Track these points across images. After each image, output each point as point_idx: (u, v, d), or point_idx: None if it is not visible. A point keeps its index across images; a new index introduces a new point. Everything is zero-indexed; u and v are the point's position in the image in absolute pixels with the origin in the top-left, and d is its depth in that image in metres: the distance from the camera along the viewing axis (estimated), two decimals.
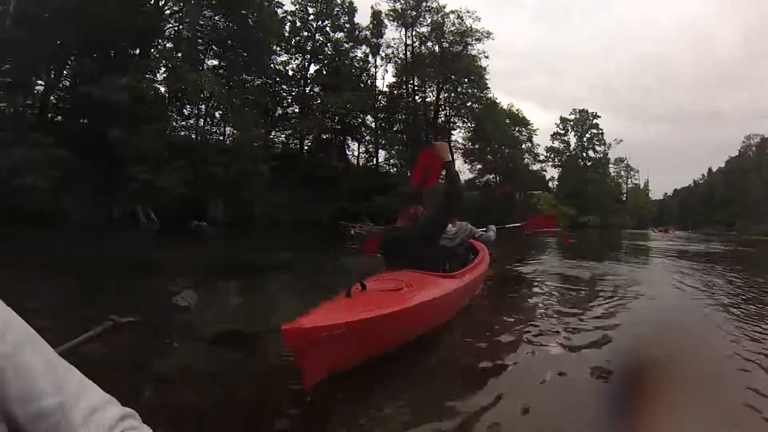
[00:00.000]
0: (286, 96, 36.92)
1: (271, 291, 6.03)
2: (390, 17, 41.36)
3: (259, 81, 32.61)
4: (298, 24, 37.23)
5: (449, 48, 42.29)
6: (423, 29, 42.48)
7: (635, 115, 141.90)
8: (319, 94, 36.54)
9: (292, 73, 37.38)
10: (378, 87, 42.45)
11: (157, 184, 19.75)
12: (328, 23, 38.00)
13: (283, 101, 36.75)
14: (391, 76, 44.55)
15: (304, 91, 37.06)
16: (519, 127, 51.95)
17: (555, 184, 64.68)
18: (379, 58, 41.85)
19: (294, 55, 37.41)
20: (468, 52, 42.50)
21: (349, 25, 38.75)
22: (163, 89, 25.30)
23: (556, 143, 65.10)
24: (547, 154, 63.16)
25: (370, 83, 41.21)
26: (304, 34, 37.45)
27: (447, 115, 45.55)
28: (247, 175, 23.70)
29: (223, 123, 28.65)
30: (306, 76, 37.59)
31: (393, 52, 42.48)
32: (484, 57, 42.88)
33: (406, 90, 42.99)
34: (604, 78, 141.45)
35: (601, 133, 66.19)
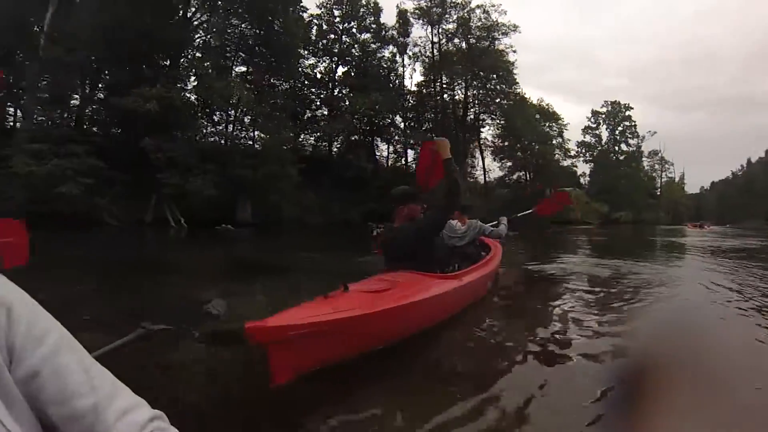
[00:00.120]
0: (315, 99, 37.18)
1: (295, 293, 6.05)
2: (415, 15, 41.27)
3: (287, 85, 32.89)
4: (325, 27, 37.56)
5: (476, 44, 41.97)
6: (449, 26, 42.36)
7: (670, 104, 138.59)
8: (348, 95, 36.63)
9: (320, 75, 37.62)
10: (406, 86, 42.35)
11: (187, 189, 20.35)
12: (354, 24, 38.10)
13: (312, 104, 37.05)
14: (420, 75, 44.54)
15: (332, 93, 37.27)
16: (549, 122, 51.06)
17: (587, 180, 63.29)
18: (407, 57, 41.86)
19: (321, 57, 37.68)
20: (495, 47, 42.04)
21: (375, 26, 38.80)
22: (193, 97, 25.92)
23: (587, 137, 63.46)
24: (579, 149, 61.53)
25: (398, 83, 41.18)
26: (331, 36, 37.73)
27: (476, 112, 45.21)
28: (275, 177, 23.98)
29: (252, 127, 29.09)
30: (334, 78, 37.80)
31: (420, 51, 42.43)
32: (512, 51, 42.41)
33: (434, 88, 42.71)
34: (637, 67, 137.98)
35: (634, 125, 64.08)
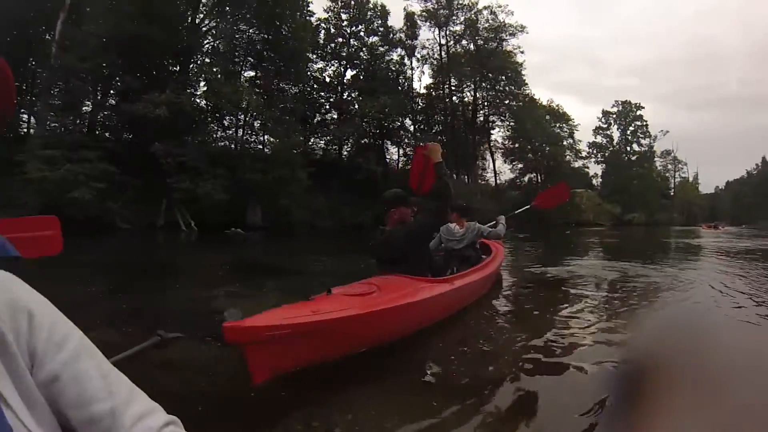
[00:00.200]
0: (324, 102, 37.25)
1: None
2: (422, 18, 41.39)
3: (297, 89, 33.04)
4: (333, 31, 37.64)
5: (484, 45, 42.05)
6: (456, 28, 42.44)
7: (682, 103, 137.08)
8: (357, 99, 36.68)
9: (329, 79, 37.73)
10: (415, 89, 42.35)
11: (197, 193, 20.51)
12: (362, 28, 38.20)
13: (321, 108, 37.14)
14: (428, 78, 44.57)
15: (341, 96, 37.33)
16: (560, 123, 50.80)
17: (599, 181, 62.82)
18: (415, 59, 41.92)
19: (330, 61, 37.79)
20: (503, 48, 42.10)
21: (383, 29, 38.86)
22: (203, 102, 26.14)
23: (598, 138, 62.55)
24: (590, 150, 60.87)
25: (407, 86, 41.18)
26: (339, 40, 37.81)
27: (485, 114, 45.16)
28: (284, 181, 24.05)
29: (262, 131, 29.20)
30: (343, 81, 37.86)
31: (428, 53, 42.47)
32: (520, 52, 42.42)
33: (443, 91, 42.70)
34: (647, 66, 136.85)
35: (646, 124, 63.18)
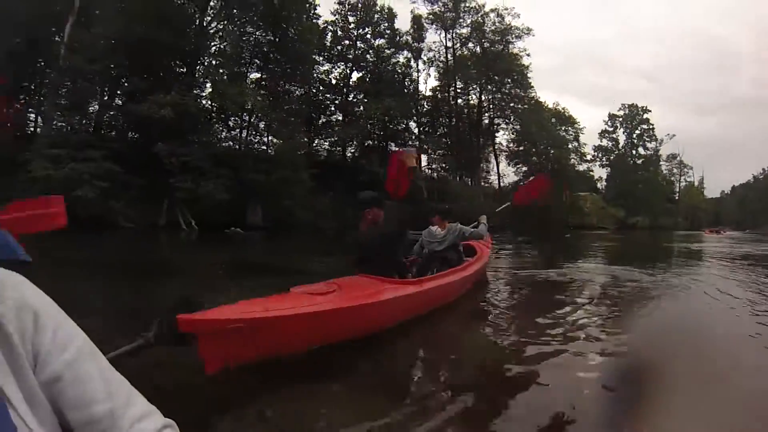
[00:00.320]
0: (330, 104, 37.42)
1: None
2: (429, 20, 41.49)
3: (302, 91, 33.18)
4: (340, 33, 37.74)
5: (490, 48, 42.06)
6: (463, 30, 42.57)
7: (691, 106, 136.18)
8: (362, 101, 36.81)
9: (335, 81, 37.81)
10: (421, 91, 42.44)
11: (200, 193, 20.70)
12: (369, 30, 38.27)
13: (327, 110, 37.33)
14: (434, 80, 44.61)
15: (346, 98, 37.44)
16: (565, 126, 50.68)
17: (603, 185, 62.69)
18: (421, 62, 41.92)
19: (336, 63, 37.90)
20: (509, 51, 42.13)
21: (389, 32, 38.89)
22: (209, 104, 26.42)
23: (604, 141, 62.30)
24: (595, 153, 60.70)
25: (412, 88, 41.24)
26: (346, 42, 37.87)
27: (491, 116, 45.18)
28: (287, 182, 24.21)
29: (266, 133, 29.43)
30: (348, 83, 37.97)
31: (434, 56, 42.54)
32: (526, 55, 42.48)
33: (449, 93, 42.80)
34: (655, 69, 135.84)
35: (652, 128, 62.81)
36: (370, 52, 38.47)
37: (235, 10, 27.66)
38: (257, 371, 2.56)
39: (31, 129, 22.88)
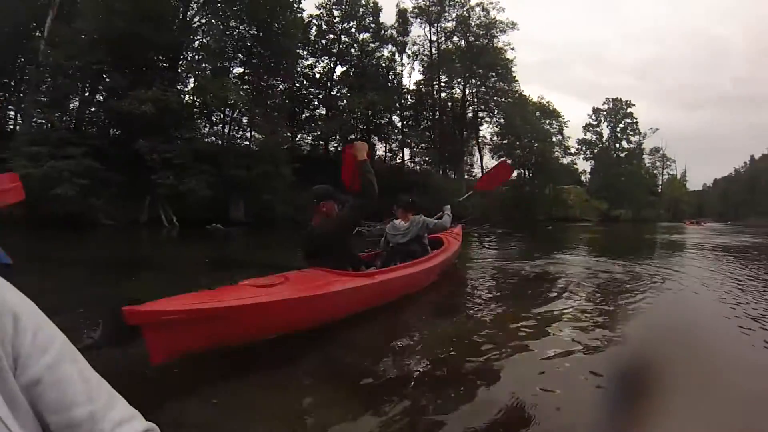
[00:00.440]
0: (313, 99, 37.36)
1: None
2: (414, 14, 41.47)
3: (285, 86, 32.96)
4: (324, 27, 37.64)
5: (475, 42, 42.05)
6: (448, 24, 42.57)
7: (677, 101, 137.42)
8: (345, 95, 36.76)
9: (318, 76, 37.77)
10: (405, 85, 42.49)
11: (182, 189, 20.67)
12: (354, 24, 38.17)
13: (310, 104, 37.26)
14: (419, 74, 44.60)
15: (330, 93, 37.41)
16: (549, 120, 51.07)
17: (587, 178, 63.34)
18: (406, 56, 41.93)
19: (320, 58, 37.80)
20: (494, 45, 42.23)
21: (374, 25, 38.81)
22: (191, 99, 26.24)
23: (588, 135, 62.91)
24: (579, 147, 61.40)
25: (396, 82, 41.25)
26: (330, 36, 37.82)
27: (475, 110, 45.29)
28: (268, 177, 24.22)
29: (249, 128, 29.31)
30: (332, 78, 37.94)
31: (419, 50, 42.52)
32: (510, 49, 42.60)
33: (433, 87, 42.90)
34: (646, 63, 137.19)
35: (635, 122, 63.60)
36: (355, 46, 38.38)
37: (219, 4, 27.45)
38: (204, 362, 2.67)
39: (11, 127, 22.71)
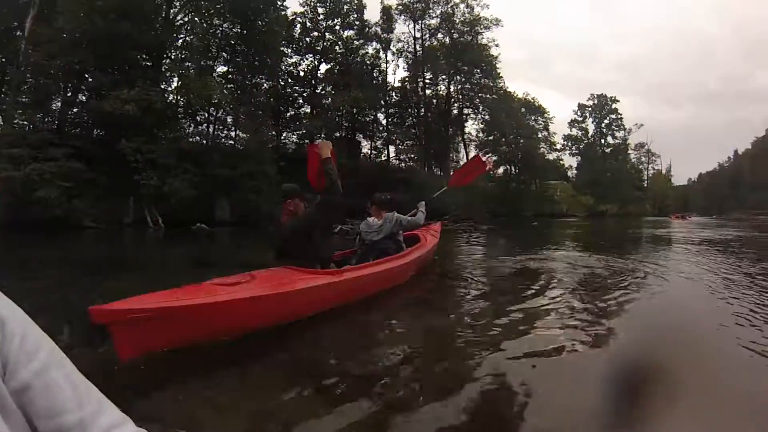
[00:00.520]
0: (298, 97, 37.25)
1: None
2: (398, 11, 41.61)
3: (269, 84, 32.91)
4: (308, 24, 37.48)
5: (459, 38, 42.34)
6: (432, 21, 42.77)
7: (662, 97, 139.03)
8: (330, 93, 36.71)
9: (303, 74, 37.69)
10: (390, 83, 42.63)
11: (166, 190, 20.62)
12: (338, 22, 38.06)
13: (295, 102, 37.15)
14: (403, 71, 44.73)
15: (314, 91, 37.35)
16: (535, 116, 51.56)
17: (574, 173, 63.94)
18: (390, 53, 42.07)
19: (305, 55, 37.70)
20: (478, 42, 42.48)
21: (359, 23, 38.75)
22: (175, 98, 25.96)
23: (574, 131, 63.93)
24: (565, 143, 62.18)
25: (381, 79, 41.32)
26: (315, 34, 37.68)
27: (460, 107, 45.56)
28: (253, 176, 24.18)
29: (234, 127, 29.25)
30: (317, 75, 37.92)
31: (403, 47, 42.69)
32: (494, 45, 42.92)
33: (418, 84, 43.08)
34: (629, 61, 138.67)
35: (620, 118, 64.64)
36: (339, 43, 38.35)
37: (202, 2, 27.26)
38: (170, 361, 2.72)
39: None
